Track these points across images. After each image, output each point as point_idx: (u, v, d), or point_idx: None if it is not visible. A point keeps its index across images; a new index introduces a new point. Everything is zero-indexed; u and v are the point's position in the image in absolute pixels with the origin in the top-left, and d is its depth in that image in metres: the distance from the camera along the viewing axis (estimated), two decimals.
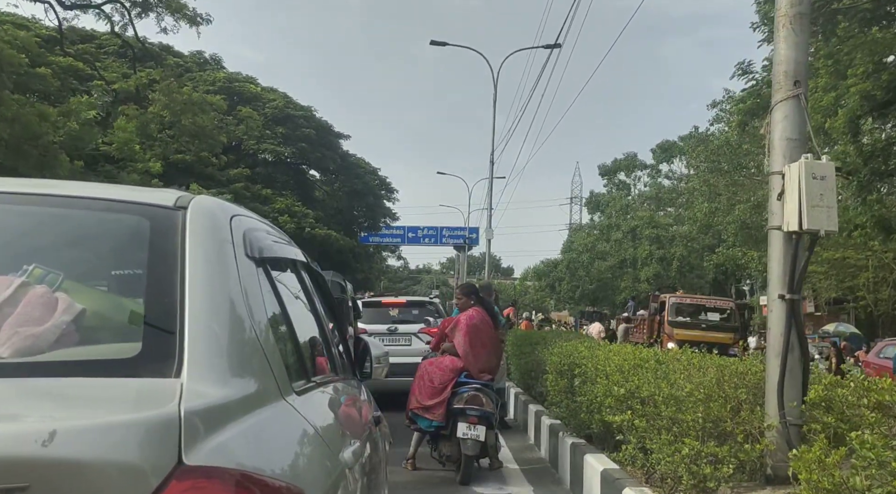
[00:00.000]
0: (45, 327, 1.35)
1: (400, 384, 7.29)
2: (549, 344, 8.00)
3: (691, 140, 29.37)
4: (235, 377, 1.37)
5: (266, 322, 1.62)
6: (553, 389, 6.66)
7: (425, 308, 11.70)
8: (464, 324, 6.28)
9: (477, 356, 6.22)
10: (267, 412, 1.41)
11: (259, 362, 1.49)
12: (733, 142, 25.44)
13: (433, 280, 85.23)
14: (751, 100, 17.89)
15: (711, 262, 28.29)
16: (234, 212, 1.76)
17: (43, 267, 1.46)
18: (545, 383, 7.29)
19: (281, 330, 1.83)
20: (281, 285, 1.94)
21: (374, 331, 10.32)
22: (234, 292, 1.50)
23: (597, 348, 6.54)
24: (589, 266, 40.49)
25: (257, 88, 31.54)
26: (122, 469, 1.02)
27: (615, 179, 51.70)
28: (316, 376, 2.08)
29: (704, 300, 22.59)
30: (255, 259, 1.71)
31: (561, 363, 6.58)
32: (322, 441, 1.66)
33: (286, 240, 2.31)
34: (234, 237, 1.64)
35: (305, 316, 2.31)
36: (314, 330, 2.38)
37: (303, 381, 1.85)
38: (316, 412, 1.77)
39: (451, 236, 50.10)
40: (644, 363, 5.07)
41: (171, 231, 1.53)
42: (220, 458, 1.14)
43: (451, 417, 6.04)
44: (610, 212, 46.60)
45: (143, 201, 1.65)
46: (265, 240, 1.87)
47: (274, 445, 1.37)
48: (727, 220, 25.28)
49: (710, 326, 19.93)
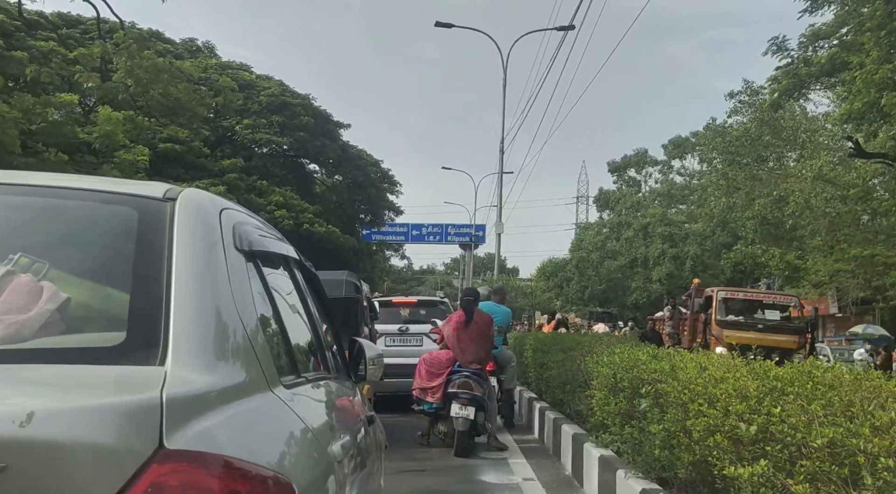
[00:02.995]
0: (29, 315, 1.40)
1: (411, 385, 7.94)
2: (592, 351, 6.45)
3: (708, 132, 28.20)
4: (221, 366, 1.40)
5: (254, 314, 1.65)
6: (601, 410, 5.26)
7: (436, 308, 11.50)
8: (453, 322, 7.89)
9: (463, 349, 7.66)
10: (254, 402, 1.45)
11: (246, 352, 1.51)
12: (753, 133, 24.29)
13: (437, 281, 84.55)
14: (787, 79, 16.70)
15: (729, 260, 27.13)
16: (224, 205, 1.80)
17: (29, 256, 1.51)
18: (587, 400, 5.93)
19: (269, 323, 1.85)
20: (271, 280, 1.97)
21: (385, 331, 10.37)
22: (222, 283, 1.54)
23: (671, 358, 4.50)
24: (598, 266, 39.33)
25: (252, 75, 30.56)
26: (100, 451, 1.06)
27: (625, 176, 50.76)
28: (306, 373, 2.11)
29: (762, 295, 19.05)
30: (244, 252, 1.73)
31: (616, 378, 5.01)
32: (310, 434, 1.68)
33: (278, 236, 2.31)
34: (224, 229, 1.68)
35: (296, 313, 2.33)
36: (305, 328, 2.41)
37: (292, 376, 1.88)
38: (305, 406, 1.79)
39: (457, 234, 49.29)
40: (786, 385, 3.07)
41: (159, 222, 1.56)
42: (203, 443, 1.18)
43: (447, 400, 7.43)
44: (620, 209, 45.57)
45: (132, 192, 1.69)
46: (255, 234, 1.90)
47: (260, 434, 1.40)
48: (746, 215, 24.42)
49: (768, 326, 16.59)
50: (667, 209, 41.55)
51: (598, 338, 8.07)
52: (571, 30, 18.17)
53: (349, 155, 33.46)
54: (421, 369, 7.76)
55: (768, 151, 24.55)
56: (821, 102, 26.39)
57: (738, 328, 16.39)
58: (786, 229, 22.93)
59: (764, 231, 24.60)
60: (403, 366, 8.83)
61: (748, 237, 25.86)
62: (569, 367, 7.21)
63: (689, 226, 37.29)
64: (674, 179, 47.87)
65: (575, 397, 6.88)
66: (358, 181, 33.98)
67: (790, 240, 23.98)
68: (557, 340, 9.19)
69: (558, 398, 7.88)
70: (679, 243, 36.56)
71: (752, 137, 24.26)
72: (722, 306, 17.10)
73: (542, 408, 8.34)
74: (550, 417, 7.56)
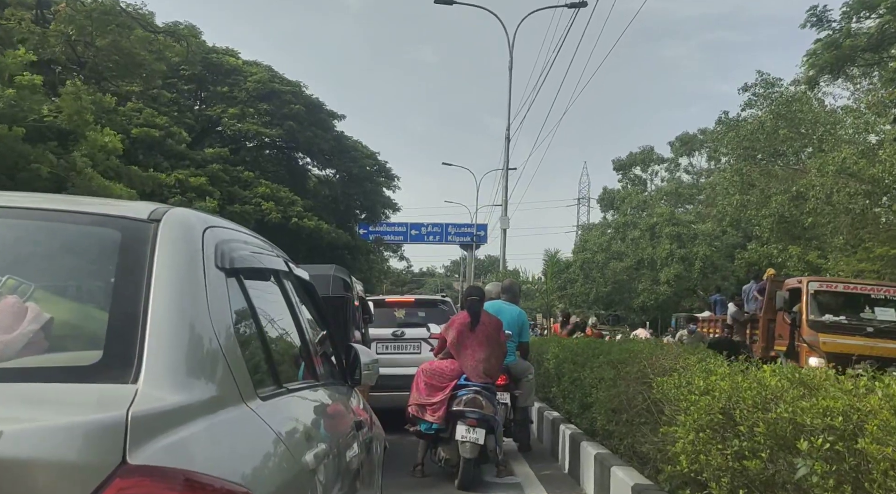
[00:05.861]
0: (13, 335, 1.50)
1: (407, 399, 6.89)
2: (659, 366, 4.85)
3: (720, 126, 27.02)
4: (193, 382, 1.51)
5: (231, 331, 1.74)
6: (690, 457, 3.53)
7: (437, 309, 10.02)
8: (457, 325, 6.74)
9: (469, 358, 6.51)
10: (223, 416, 1.54)
11: (220, 369, 1.62)
12: (768, 127, 23.24)
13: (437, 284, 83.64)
14: (827, 53, 15.28)
15: (743, 259, 25.81)
16: (209, 223, 1.91)
17: (16, 278, 1.62)
18: (656, 436, 4.36)
19: (249, 338, 1.95)
20: (255, 295, 2.06)
21: (377, 336, 9.04)
22: (198, 303, 1.64)
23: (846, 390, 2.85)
24: (604, 267, 38.02)
25: (238, 61, 29.28)
26: (65, 467, 1.16)
27: (630, 174, 49.62)
28: (291, 382, 2.22)
29: (869, 287, 13.82)
30: (225, 270, 1.84)
31: (727, 415, 3.36)
32: (282, 444, 1.76)
33: (268, 250, 2.44)
34: (206, 249, 1.78)
35: (283, 324, 2.44)
36: (292, 338, 2.52)
37: (272, 387, 1.97)
38: (281, 417, 1.89)
39: (458, 234, 48.39)
40: None
41: (141, 243, 1.67)
42: (166, 458, 1.27)
43: (450, 419, 6.28)
44: (625, 209, 44.38)
45: (118, 213, 1.80)
46: (240, 251, 1.99)
47: (225, 447, 1.50)
48: (762, 213, 23.27)
49: (881, 330, 12.28)
50: (674, 208, 40.22)
51: (658, 349, 5.68)
52: (584, 6, 16.91)
53: (343, 146, 32.22)
54: (419, 381, 6.60)
55: (785, 145, 24.14)
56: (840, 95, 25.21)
57: (840, 332, 12.43)
58: (804, 226, 21.72)
59: (780, 229, 23.47)
60: (398, 377, 7.67)
61: (764, 236, 24.61)
62: (623, 389, 5.30)
63: (698, 226, 35.98)
64: (681, 177, 46.67)
65: (634, 430, 5.05)
66: (353, 174, 32.62)
67: (809, 239, 22.79)
68: (596, 348, 7.20)
69: (602, 428, 5.98)
70: (688, 244, 35.36)
71: (768, 131, 23.69)
72: (814, 302, 12.98)
73: (573, 435, 6.67)
74: (590, 451, 5.79)
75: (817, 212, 19.92)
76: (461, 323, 6.70)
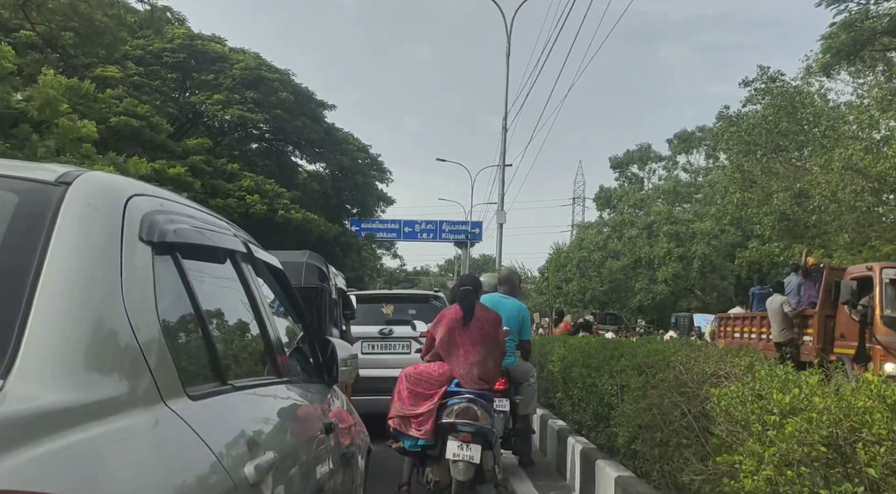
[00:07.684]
0: None
1: None
2: (696, 370, 4.04)
3: (721, 122, 26.50)
4: (89, 378, 1.27)
5: (153, 317, 1.51)
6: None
7: (429, 305, 9.29)
8: (447, 320, 5.69)
9: (462, 359, 5.51)
10: (127, 421, 1.30)
11: (130, 361, 1.39)
12: (770, 122, 22.76)
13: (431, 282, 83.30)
14: (845, 34, 14.59)
15: (744, 258, 25.20)
16: (135, 191, 1.66)
17: None
18: (714, 467, 3.19)
19: (181, 327, 1.73)
20: (197, 278, 1.81)
21: (362, 334, 8.39)
22: (108, 282, 1.41)
23: None
24: (600, 266, 37.44)
25: (224, 47, 28.53)
26: None
27: (627, 172, 49.17)
28: (239, 379, 1.96)
29: None
30: (154, 244, 1.59)
31: (845, 442, 2.33)
32: (209, 453, 1.52)
33: (223, 228, 2.19)
34: (128, 219, 1.54)
35: (237, 313, 2.19)
36: (251, 329, 2.26)
37: (212, 384, 1.74)
38: (214, 420, 1.65)
39: (452, 231, 47.98)
40: None
41: (40, 210, 1.43)
42: (15, 480, 1.00)
43: (439, 434, 5.31)
44: (622, 207, 43.91)
45: (20, 175, 1.55)
46: (178, 224, 1.73)
47: (120, 460, 1.24)
48: (763, 211, 22.74)
49: None
50: (672, 207, 39.70)
51: (694, 350, 4.64)
52: None
53: (334, 138, 31.58)
54: (401, 389, 5.52)
55: (787, 139, 23.69)
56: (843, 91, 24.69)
57: None
58: (807, 225, 21.22)
59: (782, 227, 22.98)
60: (385, 380, 7.05)
61: (765, 234, 24.09)
62: (656, 401, 4.28)
63: (696, 225, 35.48)
64: (678, 175, 46.21)
65: (671, 453, 4.06)
66: (344, 167, 31.90)
67: (812, 237, 22.27)
68: (615, 350, 6.22)
69: (625, 446, 4.91)
70: (686, 243, 34.77)
71: (770, 126, 23.34)
72: (891, 293, 10.63)
73: (586, 451, 5.72)
74: (609, 473, 4.86)
75: (822, 209, 19.50)
76: (452, 319, 5.63)
